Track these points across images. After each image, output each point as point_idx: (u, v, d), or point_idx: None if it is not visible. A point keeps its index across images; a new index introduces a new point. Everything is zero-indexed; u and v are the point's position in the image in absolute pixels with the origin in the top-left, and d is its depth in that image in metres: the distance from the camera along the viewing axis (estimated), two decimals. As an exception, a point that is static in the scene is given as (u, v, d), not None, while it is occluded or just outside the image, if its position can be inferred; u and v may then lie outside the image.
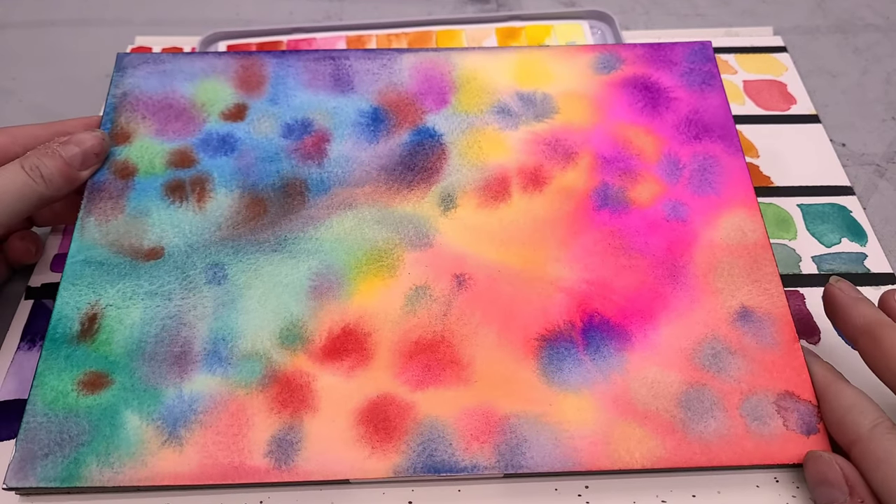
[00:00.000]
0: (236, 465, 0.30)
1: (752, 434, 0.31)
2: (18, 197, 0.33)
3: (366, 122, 0.39)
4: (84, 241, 0.35)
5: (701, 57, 0.41)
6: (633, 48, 0.42)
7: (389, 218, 0.36)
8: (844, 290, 0.32)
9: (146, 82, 0.40)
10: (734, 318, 0.34)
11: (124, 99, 0.40)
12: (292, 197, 0.37)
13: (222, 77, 0.40)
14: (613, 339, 0.33)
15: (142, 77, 0.40)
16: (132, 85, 0.40)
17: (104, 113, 0.39)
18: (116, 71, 0.41)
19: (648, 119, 0.39)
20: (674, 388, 0.32)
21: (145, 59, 0.41)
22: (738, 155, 0.38)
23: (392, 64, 0.41)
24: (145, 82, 0.40)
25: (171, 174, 0.37)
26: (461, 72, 0.41)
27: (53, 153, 0.35)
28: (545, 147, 0.38)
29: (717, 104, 0.40)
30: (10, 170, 0.34)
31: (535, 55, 0.41)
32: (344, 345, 0.33)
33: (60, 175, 0.35)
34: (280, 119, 0.39)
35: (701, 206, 0.37)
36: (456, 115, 0.39)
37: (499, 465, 0.31)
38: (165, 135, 0.38)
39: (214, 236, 0.36)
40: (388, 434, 0.31)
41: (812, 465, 0.30)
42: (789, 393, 0.32)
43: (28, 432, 0.31)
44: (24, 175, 0.34)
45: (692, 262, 0.35)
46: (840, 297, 0.32)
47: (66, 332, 0.33)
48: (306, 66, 0.41)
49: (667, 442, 0.31)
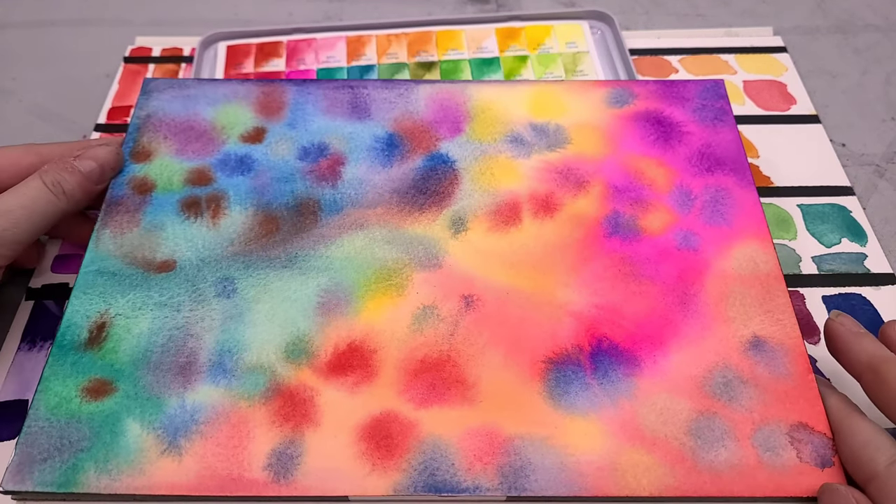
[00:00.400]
0: (234, 477, 0.30)
1: (764, 465, 0.30)
2: (43, 215, 0.34)
3: (380, 147, 0.40)
4: (98, 253, 0.36)
5: (713, 94, 0.42)
6: (646, 84, 0.42)
7: (400, 239, 0.36)
8: (846, 325, 0.32)
9: (170, 105, 0.41)
10: (746, 347, 0.33)
11: (147, 120, 0.41)
12: (305, 216, 0.37)
13: (244, 102, 0.42)
14: (622, 364, 0.33)
15: (166, 100, 0.42)
16: (156, 108, 0.41)
17: (127, 132, 0.40)
18: (142, 94, 0.42)
19: (660, 151, 0.40)
20: (684, 416, 0.32)
21: (170, 84, 0.42)
22: (751, 189, 0.38)
23: (409, 94, 0.42)
24: (169, 105, 0.41)
25: (188, 191, 0.38)
26: (476, 102, 0.42)
27: (73, 169, 0.35)
28: (557, 175, 0.39)
29: (730, 139, 0.40)
30: (32, 187, 0.34)
31: (548, 89, 0.42)
32: (349, 361, 0.33)
33: (81, 190, 0.36)
34: (297, 142, 0.40)
35: (713, 237, 0.37)
36: (469, 142, 0.40)
37: (502, 487, 0.30)
38: (185, 154, 0.39)
39: (226, 251, 0.36)
40: (389, 451, 0.31)
41: (827, 499, 0.29)
42: (803, 424, 0.31)
43: (29, 436, 0.31)
44: (47, 192, 0.34)
45: (703, 291, 0.35)
46: (841, 332, 0.32)
47: (74, 339, 0.33)
48: (325, 94, 0.42)
49: (676, 470, 0.30)
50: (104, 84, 0.48)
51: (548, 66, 0.49)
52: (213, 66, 0.50)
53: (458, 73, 0.49)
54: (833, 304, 0.37)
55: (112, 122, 0.47)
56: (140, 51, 0.51)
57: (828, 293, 0.38)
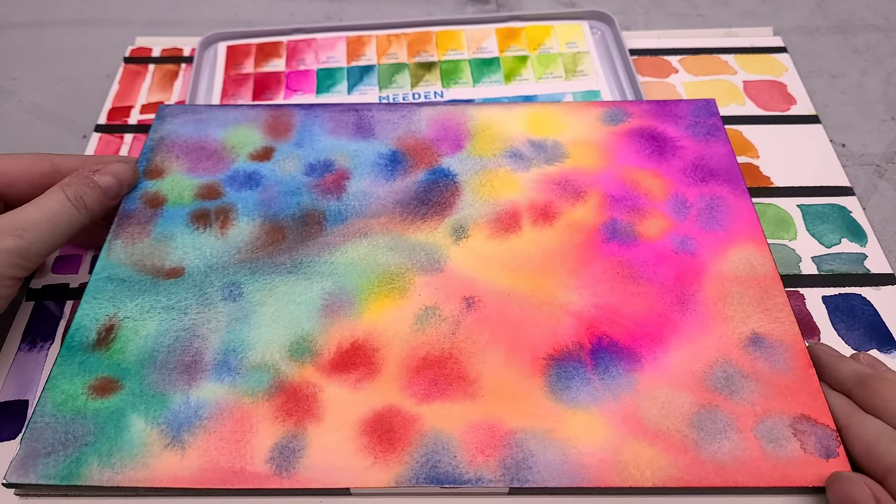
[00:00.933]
0: (237, 469, 0.30)
1: (768, 456, 0.30)
2: (65, 228, 0.35)
3: (384, 162, 0.41)
4: (109, 261, 0.37)
5: (705, 112, 0.43)
6: (640, 104, 0.44)
7: (402, 245, 0.37)
8: (826, 349, 0.34)
9: (183, 128, 0.43)
10: (745, 343, 0.33)
11: (161, 142, 0.42)
12: (310, 226, 0.38)
13: (253, 125, 0.43)
14: (623, 360, 0.33)
15: (179, 124, 0.43)
16: (169, 131, 0.43)
17: (141, 153, 0.42)
18: (157, 119, 0.44)
19: (656, 164, 0.41)
20: (685, 409, 0.32)
21: (184, 109, 0.44)
22: (745, 197, 0.39)
23: (411, 115, 0.44)
24: (182, 128, 0.43)
25: (198, 204, 0.39)
26: (476, 122, 0.43)
27: (94, 184, 0.37)
28: (555, 186, 0.40)
29: (723, 153, 0.41)
30: (55, 200, 0.35)
31: (545, 109, 0.44)
32: (352, 359, 0.33)
33: (100, 204, 0.37)
34: (304, 159, 0.41)
35: (709, 241, 0.37)
36: (470, 158, 0.41)
37: (504, 478, 0.30)
38: (196, 171, 0.41)
39: (233, 259, 0.37)
40: (391, 445, 0.31)
41: (837, 487, 0.29)
42: (806, 416, 0.31)
43: (34, 431, 0.31)
44: (70, 206, 0.35)
45: (701, 291, 0.35)
46: (824, 356, 0.33)
47: (83, 340, 0.34)
48: (332, 117, 0.44)
49: (679, 461, 0.30)
50: (104, 84, 0.48)
51: (548, 66, 0.49)
52: (213, 67, 0.50)
53: (458, 73, 0.49)
54: (833, 304, 0.37)
55: (112, 122, 0.47)
56: (140, 51, 0.52)
57: (828, 293, 0.38)
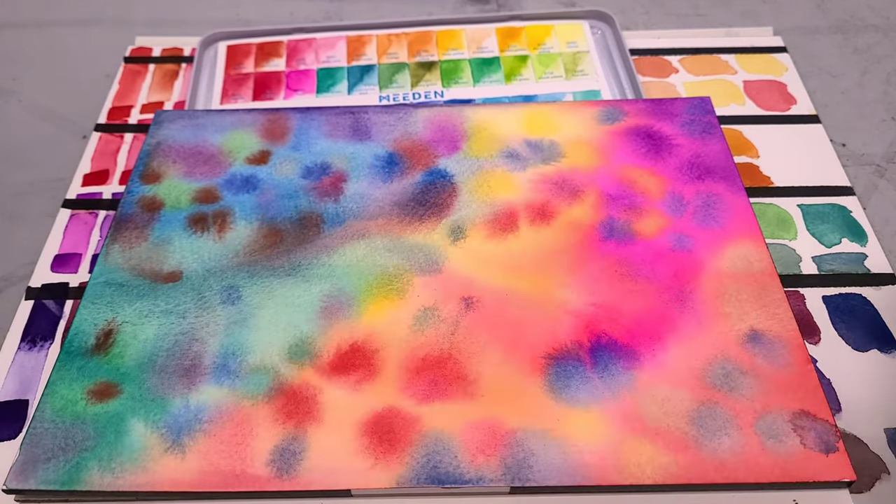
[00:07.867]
0: (237, 472, 0.30)
1: (768, 452, 0.30)
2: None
3: (381, 164, 0.41)
4: (107, 266, 0.37)
5: (700, 110, 0.43)
6: (635, 103, 0.44)
7: (400, 247, 0.37)
8: None
9: (180, 133, 0.43)
10: (744, 340, 0.34)
11: (158, 147, 0.42)
12: (308, 228, 0.38)
13: (249, 129, 0.43)
14: (622, 358, 0.33)
15: (176, 129, 0.43)
16: (166, 136, 0.43)
17: (138, 158, 0.42)
18: (154, 124, 0.44)
19: (652, 162, 0.41)
20: (685, 406, 0.32)
21: (181, 115, 0.44)
22: (742, 194, 0.39)
23: (408, 117, 0.44)
24: (179, 133, 0.43)
25: (196, 208, 0.39)
26: (472, 123, 0.43)
27: None
28: (552, 186, 0.40)
29: (719, 150, 0.41)
30: None
31: (541, 109, 0.44)
32: (351, 360, 0.33)
33: None
34: (300, 163, 0.41)
35: (706, 238, 0.37)
36: (467, 158, 0.41)
37: (505, 478, 0.30)
38: (193, 176, 0.41)
39: (231, 262, 0.37)
40: (392, 445, 0.31)
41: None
42: (805, 412, 0.31)
43: (34, 437, 0.31)
44: None
45: (699, 288, 0.35)
46: None
47: (82, 345, 0.34)
48: (328, 119, 0.44)
49: (679, 458, 0.30)
50: (104, 84, 0.48)
51: (548, 66, 0.49)
52: (213, 66, 0.50)
53: (458, 72, 0.49)
54: (833, 304, 0.37)
55: (112, 122, 0.47)
56: (140, 51, 0.52)
57: (828, 293, 0.38)
